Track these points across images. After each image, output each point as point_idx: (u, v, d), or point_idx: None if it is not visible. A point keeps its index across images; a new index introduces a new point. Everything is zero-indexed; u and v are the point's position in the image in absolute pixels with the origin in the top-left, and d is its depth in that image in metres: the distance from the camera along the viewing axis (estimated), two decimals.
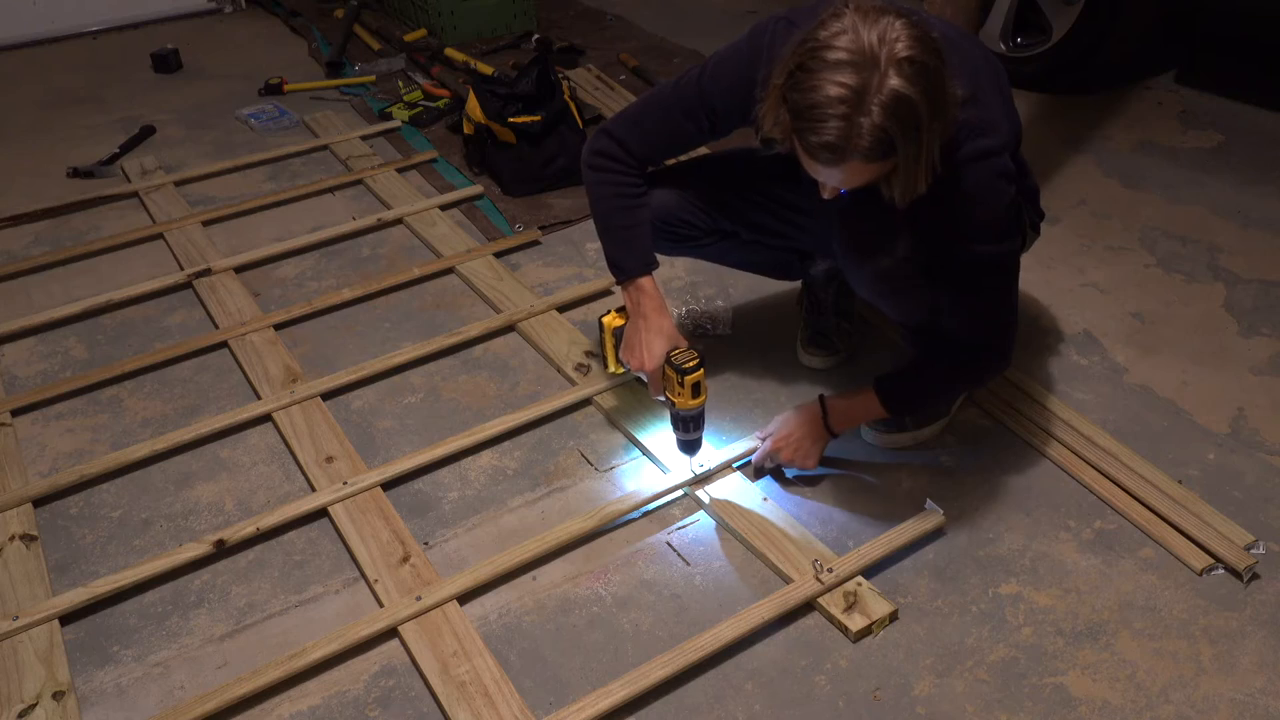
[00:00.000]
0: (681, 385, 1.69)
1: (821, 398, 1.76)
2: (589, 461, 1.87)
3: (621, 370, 1.95)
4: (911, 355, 1.83)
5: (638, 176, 1.76)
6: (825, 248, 1.82)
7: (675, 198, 1.84)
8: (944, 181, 1.47)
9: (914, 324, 1.78)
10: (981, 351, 1.69)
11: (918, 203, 1.48)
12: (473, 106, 2.75)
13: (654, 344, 1.73)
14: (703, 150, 2.19)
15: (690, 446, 1.77)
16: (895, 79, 1.32)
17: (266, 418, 1.98)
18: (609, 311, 1.89)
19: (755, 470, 1.80)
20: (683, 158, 1.92)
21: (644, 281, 1.76)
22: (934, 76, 1.35)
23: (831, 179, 1.46)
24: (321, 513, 1.77)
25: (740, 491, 1.75)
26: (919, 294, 1.67)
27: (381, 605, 1.59)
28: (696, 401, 1.71)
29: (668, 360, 1.71)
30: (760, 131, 1.51)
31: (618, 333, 1.86)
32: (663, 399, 1.77)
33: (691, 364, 1.69)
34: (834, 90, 1.33)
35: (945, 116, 1.40)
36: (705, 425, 1.76)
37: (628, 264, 1.77)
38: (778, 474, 1.81)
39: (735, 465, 1.81)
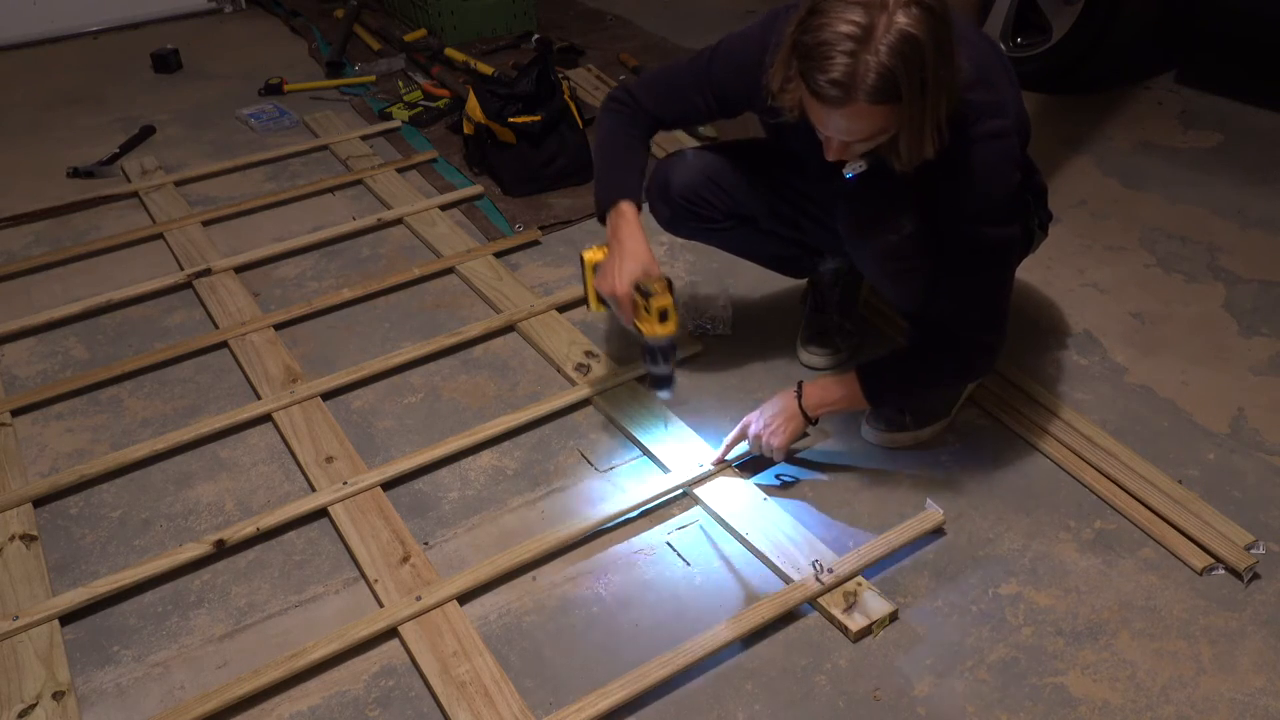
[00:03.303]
0: (648, 310, 1.68)
1: (800, 382, 1.76)
2: (589, 461, 1.87)
3: (602, 309, 1.89)
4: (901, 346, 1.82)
5: (642, 127, 1.80)
6: (835, 244, 1.82)
7: (700, 176, 1.85)
8: (952, 158, 1.49)
9: (918, 311, 1.78)
10: (968, 345, 1.69)
11: (923, 178, 1.50)
12: (473, 106, 2.75)
13: (625, 268, 1.69)
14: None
15: (661, 382, 1.77)
16: (903, 19, 1.35)
17: (266, 418, 1.98)
18: (591, 246, 1.85)
19: (724, 448, 1.79)
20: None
21: (624, 206, 1.73)
22: (940, 24, 1.38)
23: (837, 128, 1.45)
24: (321, 513, 1.77)
25: (740, 491, 1.75)
26: (924, 275, 1.66)
27: (381, 605, 1.59)
28: (664, 329, 1.69)
29: (636, 287, 1.68)
30: (769, 98, 1.53)
31: (598, 267, 1.80)
32: (633, 329, 1.74)
33: (658, 288, 1.67)
34: (843, 27, 1.36)
35: (950, 69, 1.41)
36: (677, 359, 1.75)
37: (612, 191, 1.75)
38: (762, 465, 1.81)
39: (735, 465, 1.81)
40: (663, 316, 1.68)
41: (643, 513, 1.74)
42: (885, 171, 1.58)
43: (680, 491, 1.77)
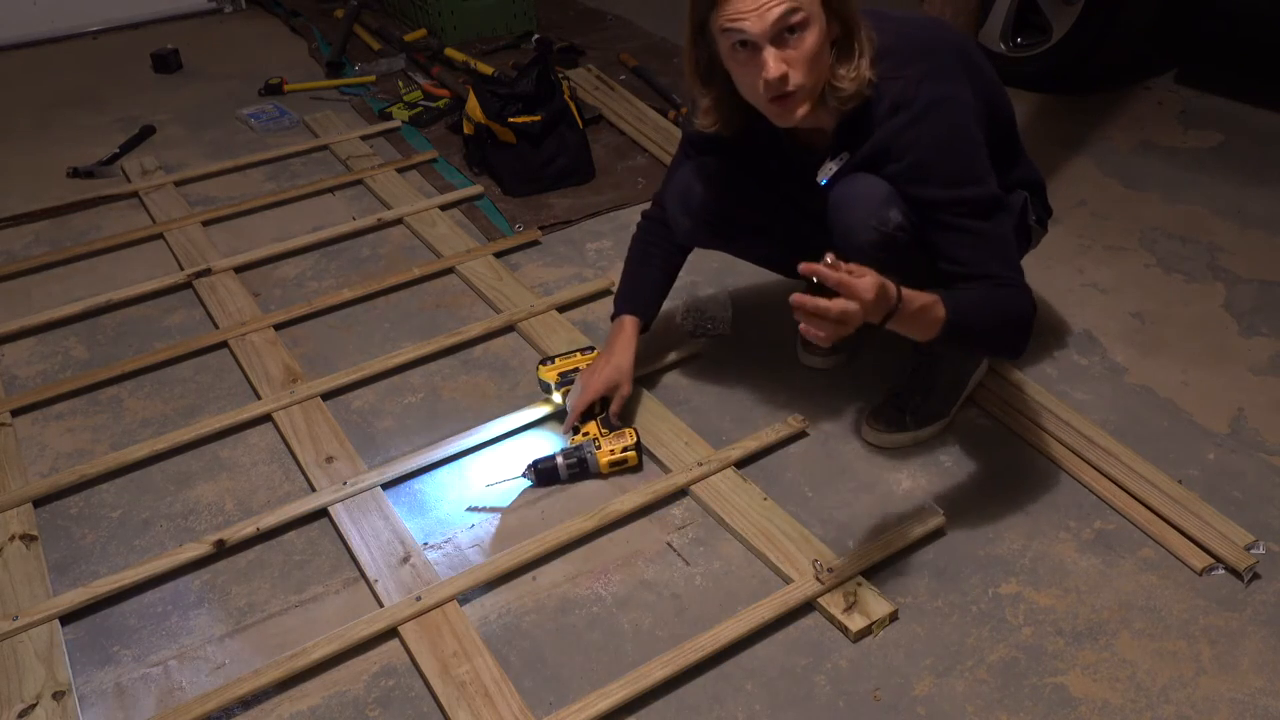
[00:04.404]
0: (615, 445, 1.80)
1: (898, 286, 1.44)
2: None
3: (550, 378, 1.97)
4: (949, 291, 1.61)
5: (663, 237, 1.94)
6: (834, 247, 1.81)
7: (722, 188, 1.84)
8: (905, 139, 1.54)
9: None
10: (1008, 282, 1.59)
11: (891, 165, 1.57)
12: (473, 106, 2.75)
13: (604, 374, 1.84)
14: None
15: (545, 476, 1.80)
16: None
17: (266, 418, 1.98)
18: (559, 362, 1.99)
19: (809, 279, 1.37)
20: None
21: (627, 320, 1.90)
22: None
23: (759, 10, 1.45)
24: (321, 513, 1.77)
25: (740, 491, 1.75)
26: (919, 268, 1.63)
27: (381, 605, 1.59)
28: (608, 467, 1.79)
29: (623, 420, 1.85)
30: (694, 111, 1.68)
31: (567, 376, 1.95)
32: (568, 430, 1.85)
33: (630, 453, 1.80)
34: None
35: None
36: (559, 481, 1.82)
37: (621, 303, 1.94)
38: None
39: (736, 466, 1.81)
40: (616, 464, 1.80)
41: (643, 513, 1.74)
42: (864, 169, 1.60)
43: (680, 492, 1.77)
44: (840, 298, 1.33)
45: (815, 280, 1.34)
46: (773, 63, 1.48)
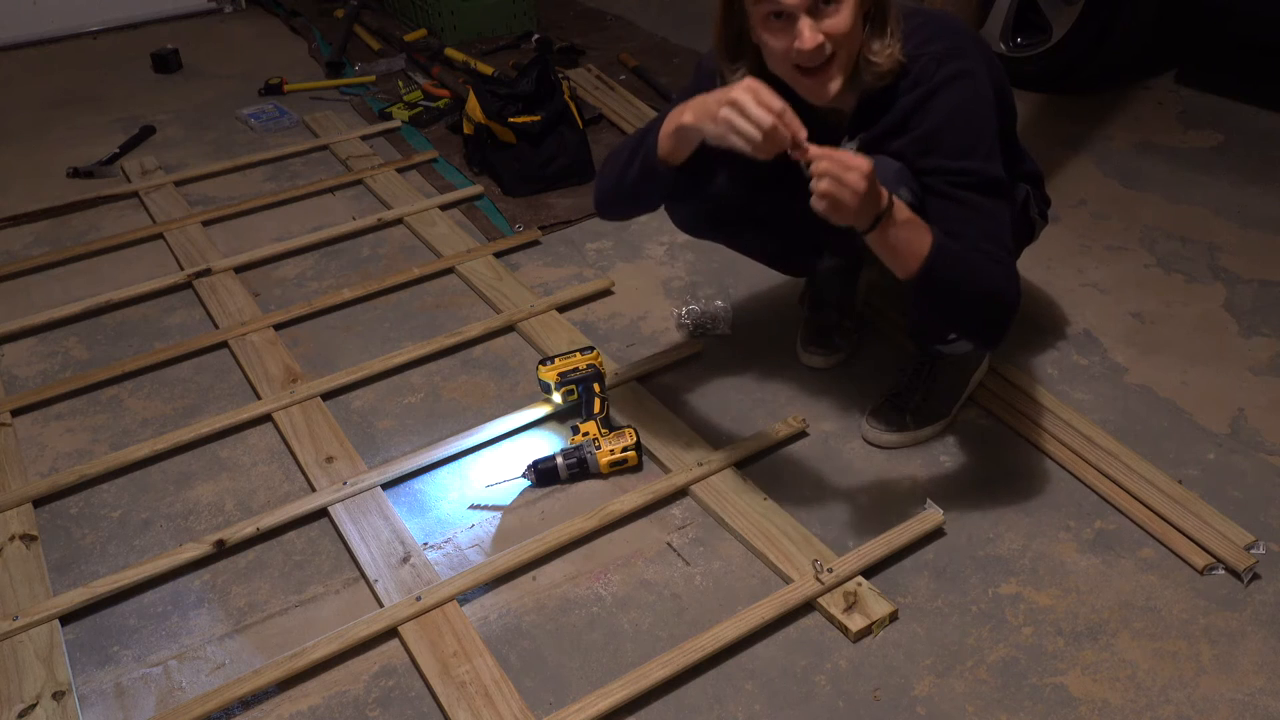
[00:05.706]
0: (615, 444, 1.79)
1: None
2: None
3: (557, 396, 1.94)
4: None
5: None
6: (839, 235, 1.80)
7: (721, 173, 1.79)
8: (922, 106, 1.55)
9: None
10: (998, 258, 1.56)
11: (904, 136, 1.57)
12: (473, 106, 2.75)
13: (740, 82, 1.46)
14: None
15: (545, 476, 1.79)
16: None
17: (266, 418, 1.98)
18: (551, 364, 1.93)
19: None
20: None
21: (669, 115, 1.57)
22: None
23: None
24: (321, 513, 1.77)
25: (740, 491, 1.75)
26: None
27: (381, 605, 1.59)
28: (607, 468, 1.79)
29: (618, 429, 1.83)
30: (721, 78, 1.62)
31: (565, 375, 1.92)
32: (584, 439, 1.82)
33: (632, 453, 1.80)
34: None
35: None
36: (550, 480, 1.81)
37: (650, 139, 1.60)
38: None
39: (736, 465, 1.81)
40: (616, 464, 1.79)
41: (642, 513, 1.74)
42: (881, 141, 1.60)
43: (680, 491, 1.77)
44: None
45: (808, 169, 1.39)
46: (808, 32, 1.46)
